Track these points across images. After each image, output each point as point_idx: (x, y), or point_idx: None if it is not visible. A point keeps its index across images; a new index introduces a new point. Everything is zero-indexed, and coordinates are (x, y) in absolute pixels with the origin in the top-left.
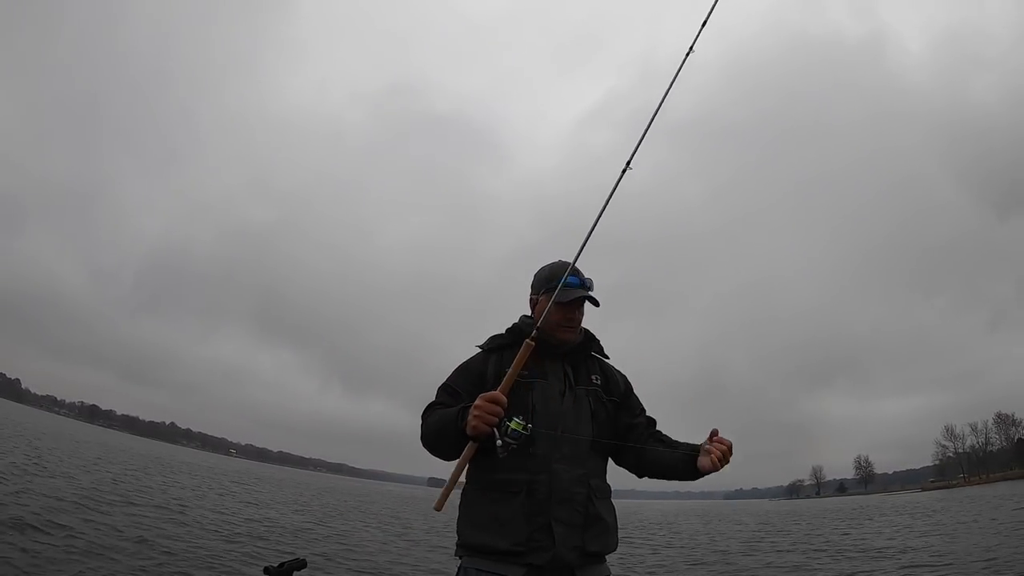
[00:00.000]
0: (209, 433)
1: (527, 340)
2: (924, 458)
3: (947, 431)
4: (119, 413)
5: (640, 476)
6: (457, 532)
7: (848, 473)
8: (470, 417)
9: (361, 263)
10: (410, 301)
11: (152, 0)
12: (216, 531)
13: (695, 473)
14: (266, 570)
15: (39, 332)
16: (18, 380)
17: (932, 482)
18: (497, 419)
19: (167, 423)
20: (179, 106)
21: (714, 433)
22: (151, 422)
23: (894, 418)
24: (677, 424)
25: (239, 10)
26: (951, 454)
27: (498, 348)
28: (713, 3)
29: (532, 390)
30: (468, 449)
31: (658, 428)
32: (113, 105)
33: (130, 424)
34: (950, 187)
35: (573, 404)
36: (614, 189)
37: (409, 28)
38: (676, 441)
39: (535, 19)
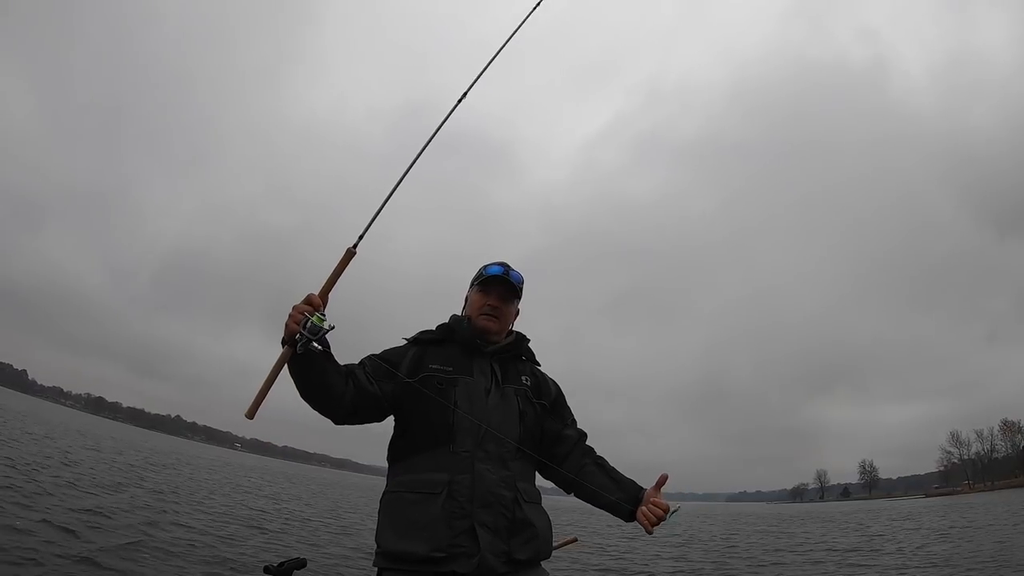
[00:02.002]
0: (214, 427)
1: (348, 248)
2: (928, 464)
3: (952, 437)
4: (125, 405)
5: (568, 493)
6: (376, 540)
7: (852, 478)
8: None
9: (375, 266)
10: (419, 302)
11: (177, 7)
12: (216, 525)
13: (631, 518)
14: (266, 569)
15: (52, 327)
16: (24, 371)
17: (936, 488)
18: (305, 317)
19: (173, 416)
20: (201, 112)
21: (662, 480)
22: (157, 415)
23: (898, 424)
24: (681, 426)
25: (262, 23)
26: (956, 460)
27: (424, 342)
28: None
29: (455, 387)
30: (283, 351)
31: (590, 444)
32: (136, 109)
33: (136, 416)
34: (950, 205)
35: (500, 401)
36: (448, 115)
37: (429, 47)
38: (617, 472)
39: (552, 44)
